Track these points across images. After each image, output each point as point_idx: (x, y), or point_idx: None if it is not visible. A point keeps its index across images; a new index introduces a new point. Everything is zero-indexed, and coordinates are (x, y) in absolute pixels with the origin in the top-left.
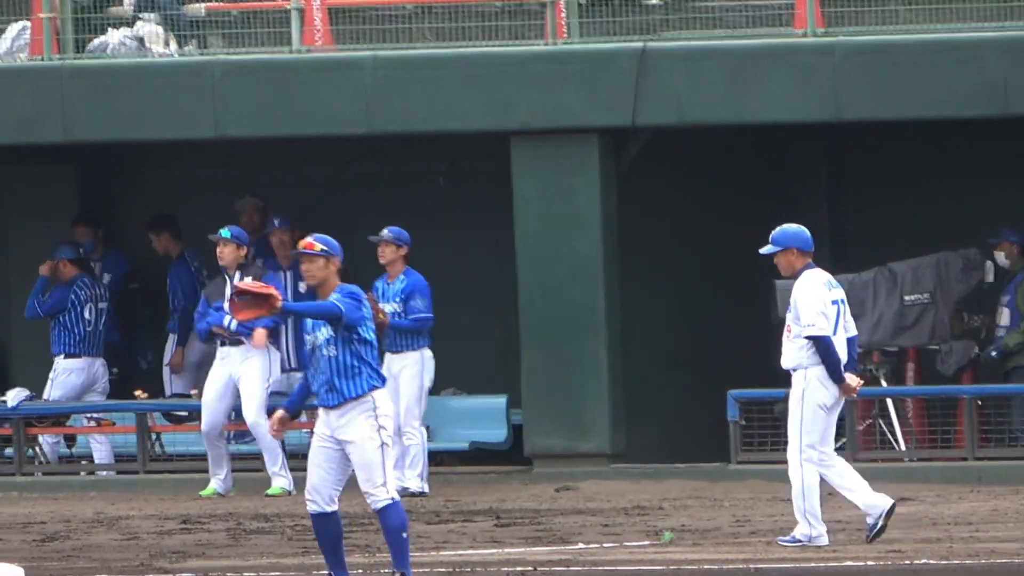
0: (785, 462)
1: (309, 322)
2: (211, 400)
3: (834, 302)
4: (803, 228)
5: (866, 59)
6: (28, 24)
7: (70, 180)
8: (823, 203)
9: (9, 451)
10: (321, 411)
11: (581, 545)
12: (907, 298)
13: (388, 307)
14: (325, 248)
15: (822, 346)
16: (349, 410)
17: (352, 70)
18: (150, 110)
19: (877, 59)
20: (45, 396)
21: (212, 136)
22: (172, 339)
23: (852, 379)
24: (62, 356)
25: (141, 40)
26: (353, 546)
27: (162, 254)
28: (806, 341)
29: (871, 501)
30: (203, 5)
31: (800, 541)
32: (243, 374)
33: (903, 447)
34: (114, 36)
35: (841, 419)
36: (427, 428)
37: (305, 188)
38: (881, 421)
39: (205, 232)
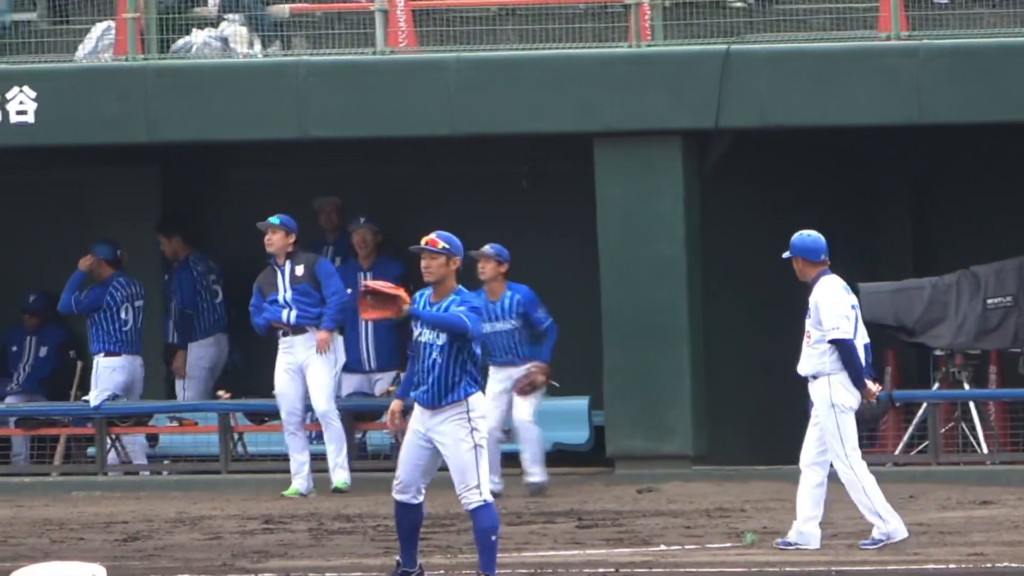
0: (868, 464)
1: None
2: (285, 390)
3: (853, 307)
4: (815, 237)
5: (950, 62)
6: (112, 24)
7: (154, 180)
8: (906, 206)
9: (92, 450)
10: (417, 407)
11: (663, 547)
12: (990, 301)
13: (499, 325)
14: (447, 246)
15: (846, 349)
16: (444, 413)
17: (436, 72)
18: (234, 110)
19: (961, 62)
20: (92, 396)
21: (296, 137)
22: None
23: (872, 385)
24: (102, 355)
25: (225, 41)
26: (435, 547)
27: (170, 257)
28: (827, 347)
29: (808, 530)
30: (287, 6)
31: (881, 540)
32: (310, 364)
33: (985, 450)
34: (198, 36)
35: (924, 422)
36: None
37: (387, 189)
38: (963, 424)
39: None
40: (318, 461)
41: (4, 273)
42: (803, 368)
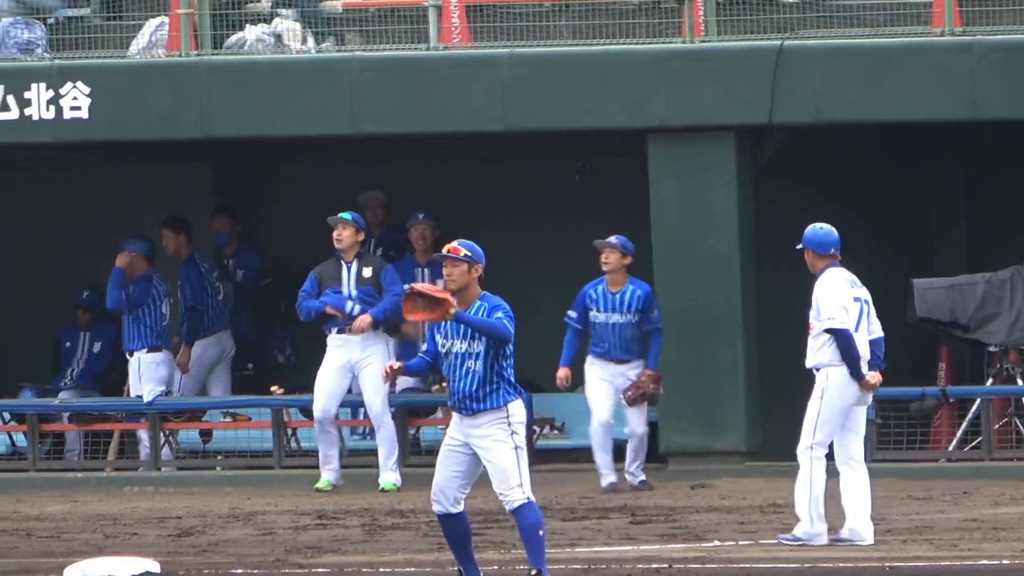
0: (922, 460)
1: (446, 328)
2: (327, 386)
3: (856, 299)
4: (827, 230)
5: (1004, 58)
6: (166, 20)
7: (207, 176)
8: (960, 202)
9: (145, 446)
10: (455, 415)
11: (716, 542)
12: None
13: (615, 317)
14: (469, 254)
15: (843, 339)
16: (482, 419)
17: (489, 67)
18: (287, 106)
19: (1015, 58)
20: (134, 392)
21: (349, 132)
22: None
23: (874, 376)
24: (145, 350)
25: (279, 37)
26: (488, 543)
27: (172, 254)
28: (827, 338)
29: (810, 528)
30: (340, 2)
31: (800, 540)
32: (366, 365)
33: None
34: (252, 32)
35: (977, 418)
36: (562, 425)
37: (441, 185)
38: (1017, 420)
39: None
40: (368, 456)
41: (58, 269)
42: (808, 361)
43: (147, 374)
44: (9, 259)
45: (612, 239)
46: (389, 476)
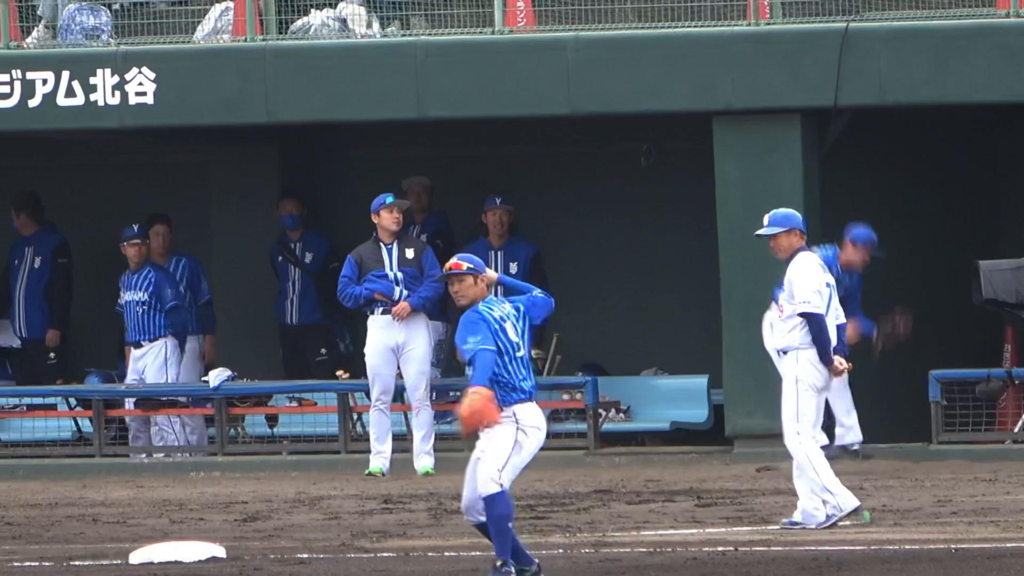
0: (987, 442)
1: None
2: (382, 369)
3: (827, 285)
4: (793, 212)
5: None
6: (231, 5)
7: (273, 160)
8: None
9: (211, 430)
10: None
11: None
12: None
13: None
14: (471, 266)
15: (816, 324)
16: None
17: (554, 51)
18: (353, 91)
19: None
20: (167, 377)
21: (415, 117)
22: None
23: (841, 362)
24: (171, 337)
25: (344, 21)
26: (553, 526)
27: (159, 253)
28: (799, 321)
29: (811, 506)
30: None
31: (833, 516)
32: (409, 348)
33: None
34: (317, 17)
35: None
36: (627, 408)
37: (505, 168)
38: None
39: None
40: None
41: (123, 255)
42: (773, 343)
43: (172, 359)
44: (77, 244)
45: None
46: (426, 460)
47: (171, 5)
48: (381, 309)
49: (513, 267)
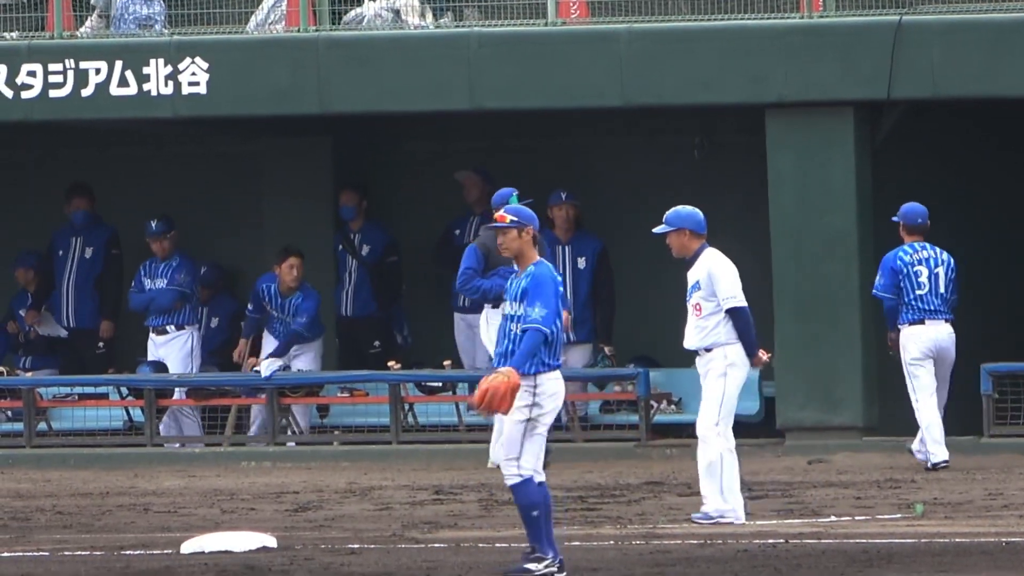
0: None
1: (509, 289)
2: (484, 360)
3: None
4: (697, 211)
5: None
6: None
7: (326, 152)
8: None
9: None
10: None
11: (833, 518)
12: None
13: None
14: (515, 218)
15: (743, 318)
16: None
17: (607, 43)
18: (405, 82)
19: None
20: (192, 368)
21: (467, 108)
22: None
23: (765, 352)
24: (197, 328)
25: (397, 12)
26: (604, 517)
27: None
28: (722, 317)
29: (718, 506)
30: None
31: (713, 517)
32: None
33: None
34: (370, 8)
35: None
36: (679, 400)
37: (557, 160)
38: None
39: (459, 207)
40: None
41: (177, 246)
42: (692, 342)
43: (197, 350)
44: (130, 233)
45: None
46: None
47: None
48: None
49: (581, 262)
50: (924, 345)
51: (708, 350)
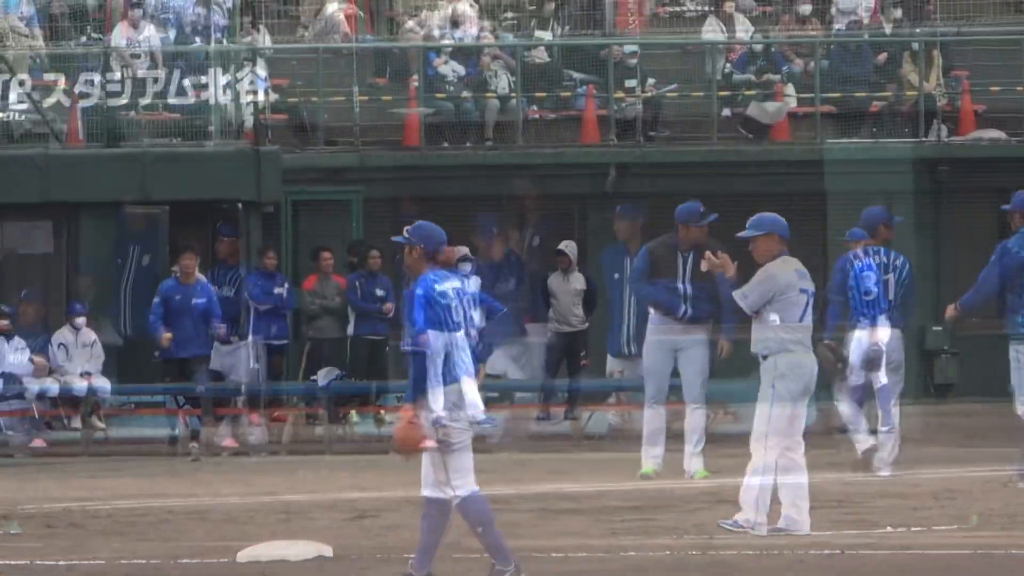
0: None
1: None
2: (655, 366)
3: (803, 291)
4: (780, 216)
5: None
6: (343, 6)
7: None
8: None
9: (320, 429)
10: None
11: (888, 528)
12: None
13: None
14: (406, 236)
15: (736, 308)
16: None
17: None
18: None
19: None
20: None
21: None
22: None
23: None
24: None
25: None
26: (660, 528)
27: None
28: (772, 324)
29: (748, 516)
30: None
31: (742, 527)
32: (689, 347)
33: None
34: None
35: None
36: (735, 410)
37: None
38: None
39: None
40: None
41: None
42: (753, 346)
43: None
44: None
45: None
46: (698, 462)
47: (283, 5)
48: (660, 321)
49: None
50: None
51: (764, 357)
